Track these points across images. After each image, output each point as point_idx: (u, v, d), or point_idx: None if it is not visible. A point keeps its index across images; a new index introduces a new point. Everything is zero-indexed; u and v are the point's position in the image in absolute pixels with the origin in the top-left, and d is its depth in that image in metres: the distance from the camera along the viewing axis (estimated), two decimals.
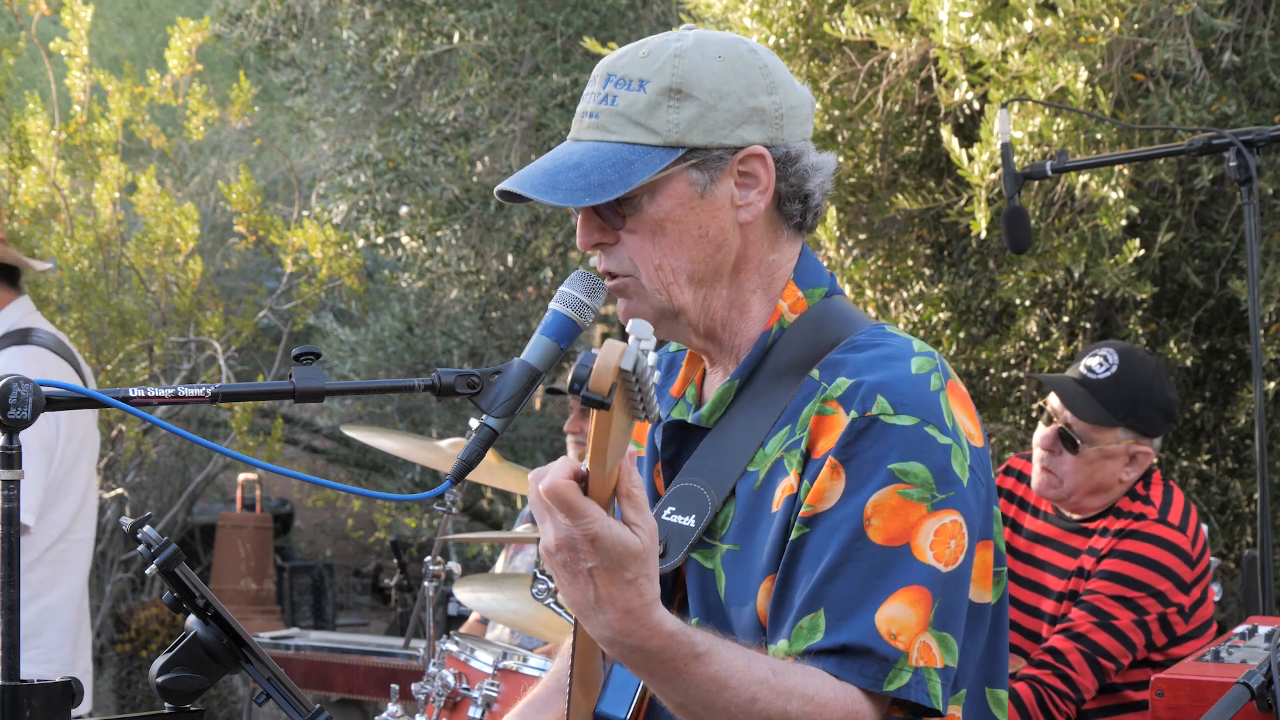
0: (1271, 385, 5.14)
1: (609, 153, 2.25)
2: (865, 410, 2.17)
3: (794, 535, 2.17)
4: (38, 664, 4.36)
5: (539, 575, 4.26)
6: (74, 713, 4.40)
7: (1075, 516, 4.16)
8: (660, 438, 2.42)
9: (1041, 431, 4.16)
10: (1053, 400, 4.16)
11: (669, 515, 2.30)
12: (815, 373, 2.25)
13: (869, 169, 5.39)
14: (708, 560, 2.27)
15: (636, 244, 2.28)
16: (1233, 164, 3.74)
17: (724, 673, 2.06)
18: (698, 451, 2.33)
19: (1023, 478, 4.27)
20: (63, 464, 4.44)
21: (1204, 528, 4.08)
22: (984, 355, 5.48)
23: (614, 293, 2.33)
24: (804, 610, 2.14)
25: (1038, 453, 4.15)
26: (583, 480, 1.97)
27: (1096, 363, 4.14)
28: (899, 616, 2.12)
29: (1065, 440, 4.09)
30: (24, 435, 4.50)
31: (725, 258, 2.30)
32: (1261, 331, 4.38)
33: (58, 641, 4.43)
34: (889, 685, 2.11)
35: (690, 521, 2.27)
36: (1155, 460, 4.17)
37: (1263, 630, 2.65)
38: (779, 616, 2.17)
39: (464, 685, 4.53)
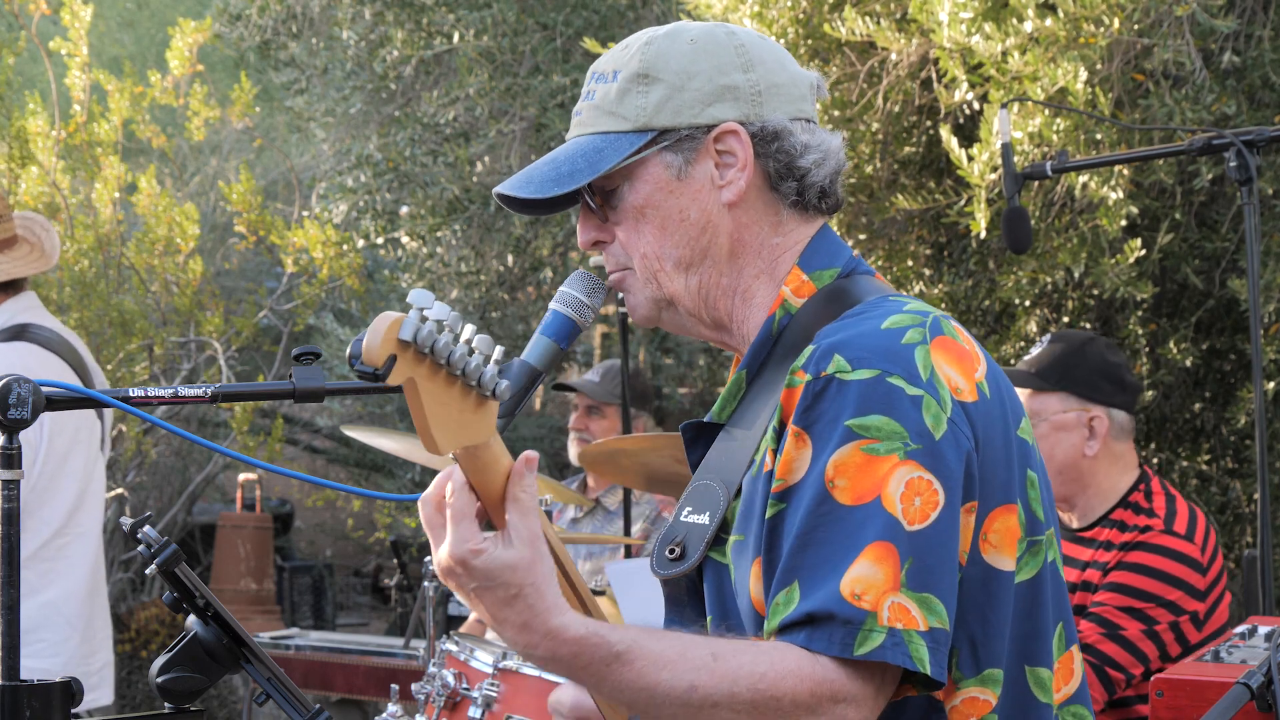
0: (1271, 385, 5.14)
1: (583, 144, 2.26)
2: (820, 371, 2.10)
3: (769, 513, 2.11)
4: (42, 658, 4.34)
5: None
6: (97, 706, 4.41)
7: (1074, 525, 4.15)
8: (684, 440, 2.39)
9: None
10: None
11: (686, 515, 2.26)
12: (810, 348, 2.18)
13: (869, 169, 5.39)
14: (722, 556, 2.22)
15: (624, 235, 2.28)
16: (1233, 164, 3.74)
17: (651, 667, 1.99)
18: (712, 448, 2.29)
19: None
20: (49, 461, 4.39)
21: (1214, 533, 4.06)
22: None
23: (617, 288, 2.32)
24: (780, 585, 2.06)
25: None
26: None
27: (1034, 348, 4.22)
28: (864, 575, 2.01)
29: None
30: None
31: (714, 240, 2.27)
32: (1261, 331, 4.38)
33: (62, 635, 4.40)
34: (860, 649, 1.99)
35: (705, 519, 2.23)
36: (1144, 455, 4.17)
37: (1263, 630, 2.65)
38: (766, 598, 2.10)
39: (464, 685, 4.53)
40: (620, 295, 2.35)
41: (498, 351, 1.89)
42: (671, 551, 2.24)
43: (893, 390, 2.08)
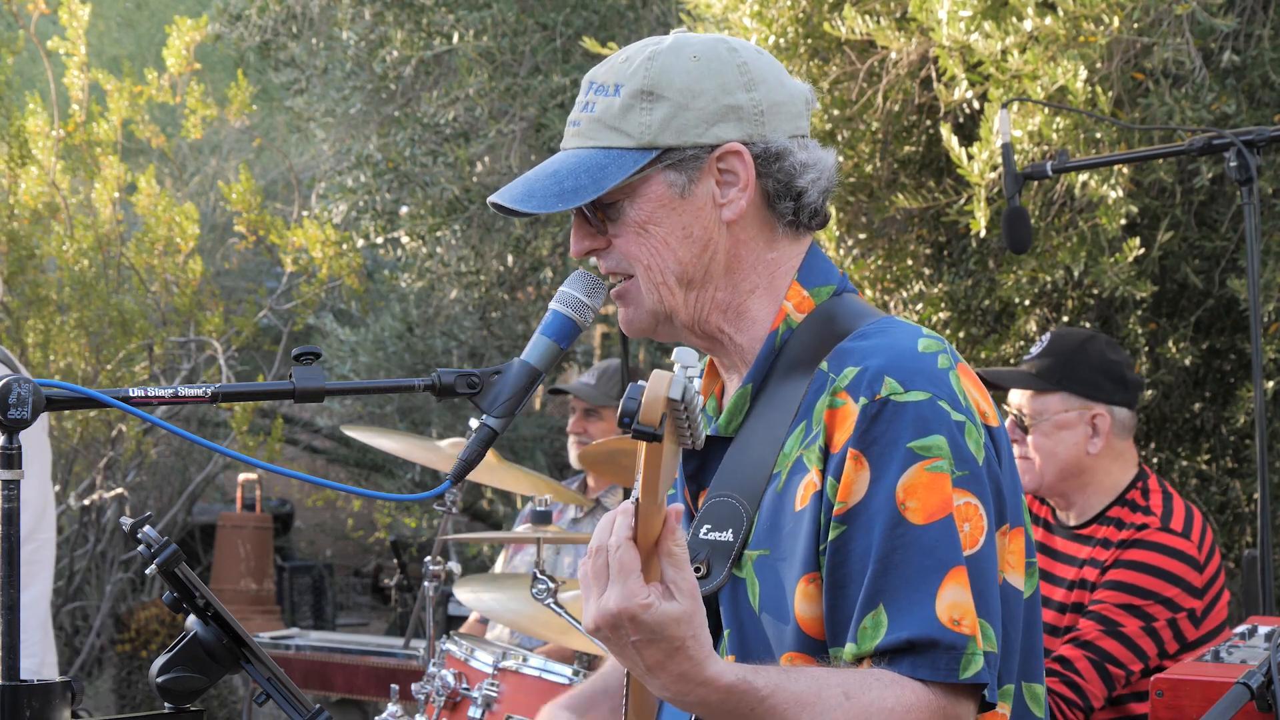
0: (1271, 385, 5.13)
1: (585, 158, 2.26)
2: (874, 394, 2.15)
3: (832, 535, 2.15)
4: (22, 658, 4.41)
5: (539, 575, 4.26)
6: None
7: (1071, 522, 4.15)
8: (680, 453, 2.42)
9: None
10: (1009, 397, 4.20)
11: (706, 533, 2.28)
12: (824, 365, 2.24)
13: (869, 168, 5.38)
14: (740, 570, 2.25)
15: (624, 246, 2.29)
16: (1233, 164, 3.74)
17: (794, 709, 2.05)
18: (724, 463, 2.31)
19: None
20: None
21: (1210, 531, 4.06)
22: (984, 355, 5.48)
23: (615, 299, 2.33)
24: (865, 609, 2.12)
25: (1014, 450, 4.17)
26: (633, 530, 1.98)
27: (1034, 348, 4.22)
28: (959, 601, 2.09)
29: (1018, 424, 4.12)
30: None
31: (714, 257, 2.29)
32: (1261, 331, 4.38)
33: (36, 637, 4.50)
34: (965, 672, 2.08)
35: (728, 536, 2.26)
36: (1142, 454, 4.18)
37: (1263, 630, 2.65)
38: (838, 619, 2.15)
39: (464, 685, 4.53)
40: (617, 305, 2.36)
41: (700, 400, 1.96)
42: (696, 570, 2.26)
43: (942, 412, 2.16)
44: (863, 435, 2.15)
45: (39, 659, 4.52)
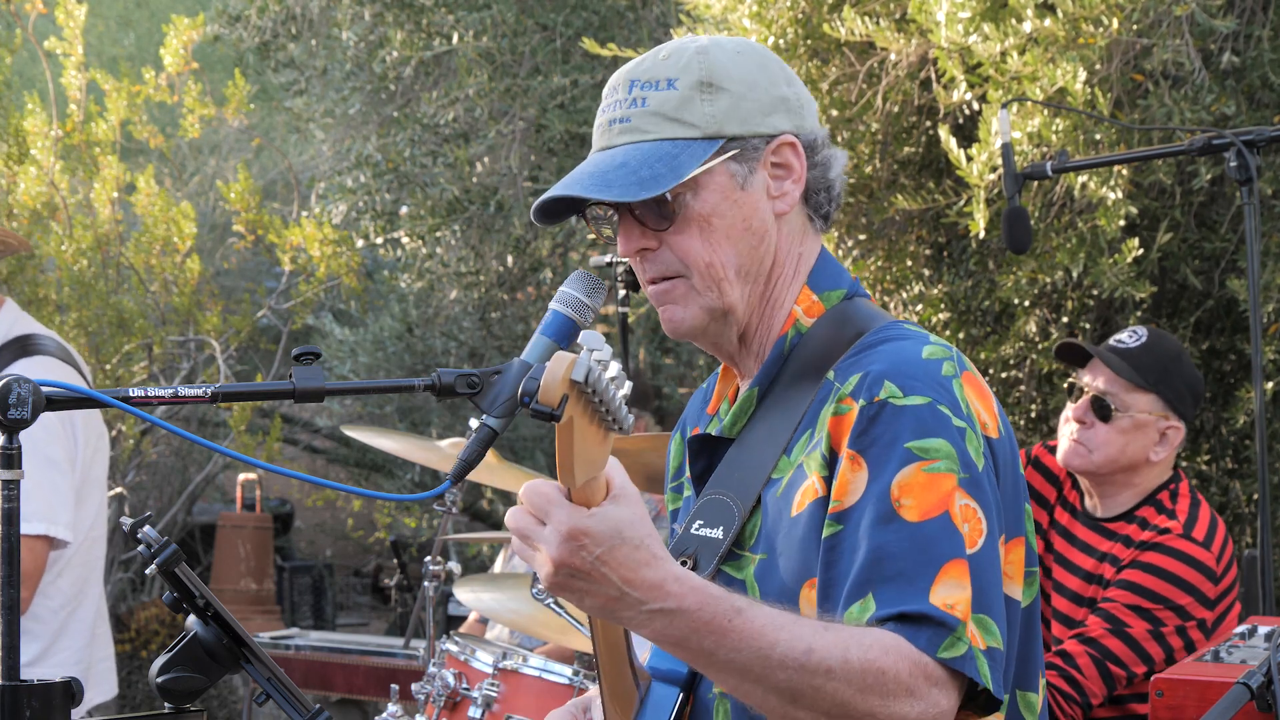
0: (1271, 385, 5.13)
1: (650, 150, 2.25)
2: (873, 397, 2.15)
3: (826, 533, 2.14)
4: (66, 667, 4.31)
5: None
6: (99, 702, 4.41)
7: (1099, 514, 4.14)
8: (689, 453, 2.41)
9: (1071, 406, 4.13)
10: (1084, 375, 4.14)
11: (697, 529, 2.29)
12: (831, 374, 2.24)
13: (868, 169, 5.39)
14: (738, 572, 2.25)
15: (684, 243, 2.27)
16: (1233, 164, 3.74)
17: (772, 625, 2.00)
18: (723, 462, 2.32)
19: (1049, 475, 4.25)
20: (82, 471, 4.39)
21: (1231, 544, 4.05)
22: (984, 355, 5.48)
23: (658, 300, 2.31)
24: (852, 598, 2.09)
25: (1069, 426, 4.10)
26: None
27: (1126, 335, 4.16)
28: (953, 593, 2.06)
29: (1099, 407, 4.06)
30: (52, 452, 4.47)
31: (767, 251, 2.30)
32: (1261, 331, 4.38)
33: (82, 642, 4.40)
34: (944, 652, 2.04)
35: (718, 534, 2.26)
36: (1180, 462, 4.16)
37: (1263, 630, 2.66)
38: (826, 611, 2.13)
39: (464, 685, 4.53)
40: (659, 306, 2.33)
41: (627, 387, 1.94)
42: (683, 564, 2.25)
43: (942, 417, 2.14)
44: (860, 436, 2.14)
45: (83, 666, 4.36)
